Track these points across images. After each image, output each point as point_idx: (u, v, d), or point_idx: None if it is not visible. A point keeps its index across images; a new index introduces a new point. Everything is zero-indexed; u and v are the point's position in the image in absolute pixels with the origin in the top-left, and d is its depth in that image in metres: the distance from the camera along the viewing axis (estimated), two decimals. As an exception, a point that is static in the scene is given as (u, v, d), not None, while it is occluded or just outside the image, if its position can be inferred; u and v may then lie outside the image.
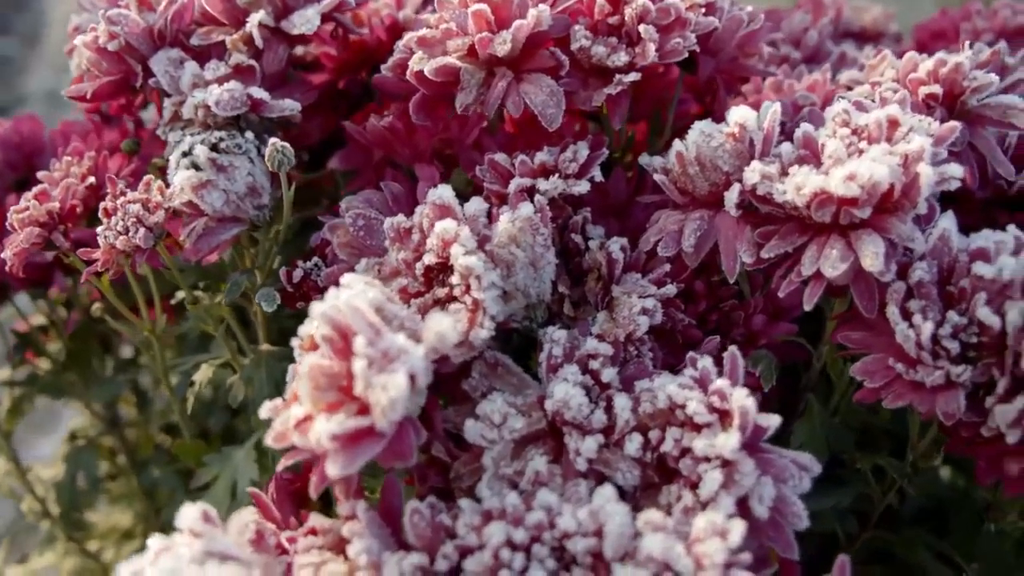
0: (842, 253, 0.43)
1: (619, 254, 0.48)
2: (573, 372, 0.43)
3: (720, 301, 0.50)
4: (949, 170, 0.45)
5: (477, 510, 0.39)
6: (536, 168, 0.48)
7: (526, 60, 0.48)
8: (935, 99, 0.52)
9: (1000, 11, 0.74)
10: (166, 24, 0.49)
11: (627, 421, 0.42)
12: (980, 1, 0.77)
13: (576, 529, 0.38)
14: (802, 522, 0.41)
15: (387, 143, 0.52)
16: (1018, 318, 0.42)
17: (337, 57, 0.58)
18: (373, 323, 0.38)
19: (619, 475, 0.42)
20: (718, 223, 0.47)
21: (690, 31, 0.49)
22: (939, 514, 0.58)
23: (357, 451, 0.37)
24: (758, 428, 0.41)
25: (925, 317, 0.43)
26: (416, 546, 0.39)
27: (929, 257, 0.44)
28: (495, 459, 0.42)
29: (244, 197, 0.48)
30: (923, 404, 0.43)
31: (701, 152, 0.46)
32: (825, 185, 0.42)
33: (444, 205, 0.45)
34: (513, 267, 0.45)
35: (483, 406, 0.43)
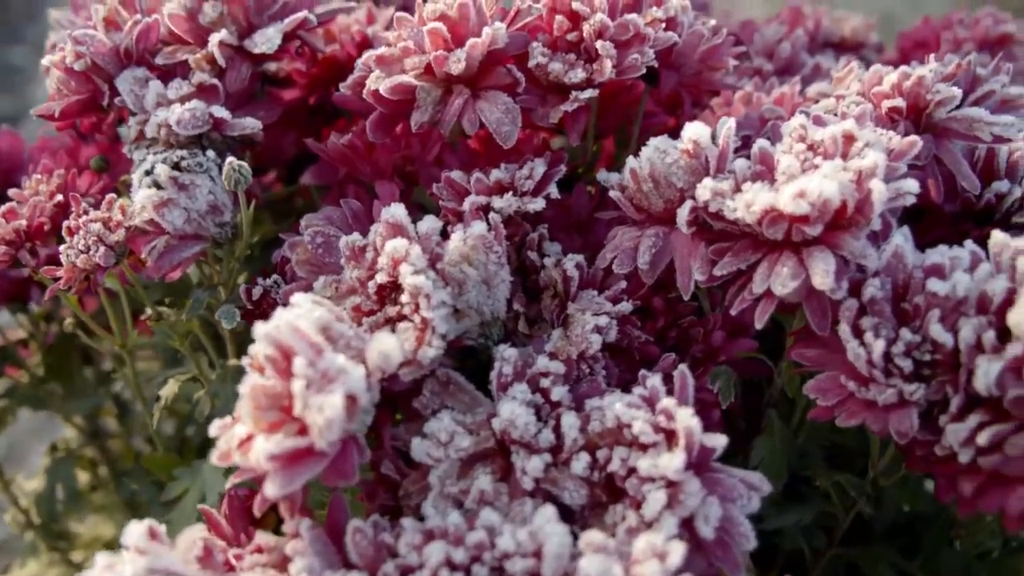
0: (793, 271, 0.42)
1: (574, 271, 0.47)
2: (522, 390, 0.43)
3: (679, 318, 0.50)
4: (904, 185, 0.44)
5: (419, 529, 0.39)
6: (492, 186, 0.48)
7: (483, 78, 0.48)
8: (899, 112, 0.52)
9: (982, 21, 0.73)
10: (132, 44, 0.49)
11: (575, 440, 0.42)
12: (965, 9, 0.76)
13: (515, 549, 0.38)
14: (749, 543, 0.40)
15: (348, 160, 0.52)
16: (971, 335, 0.41)
17: (308, 73, 0.58)
18: (314, 343, 0.38)
19: (566, 494, 0.42)
20: (673, 240, 0.47)
21: (649, 46, 0.49)
22: (911, 531, 0.57)
23: (297, 470, 0.37)
24: (705, 448, 0.41)
25: (877, 335, 0.42)
26: (358, 565, 0.39)
27: (883, 274, 0.43)
28: (441, 478, 0.42)
29: (205, 215, 0.48)
30: (876, 423, 0.42)
31: (655, 168, 0.46)
32: (775, 202, 0.42)
33: (396, 223, 0.45)
34: (465, 285, 0.45)
35: (430, 424, 0.42)
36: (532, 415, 0.42)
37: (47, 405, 0.65)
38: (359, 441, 0.40)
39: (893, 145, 0.47)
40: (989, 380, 0.39)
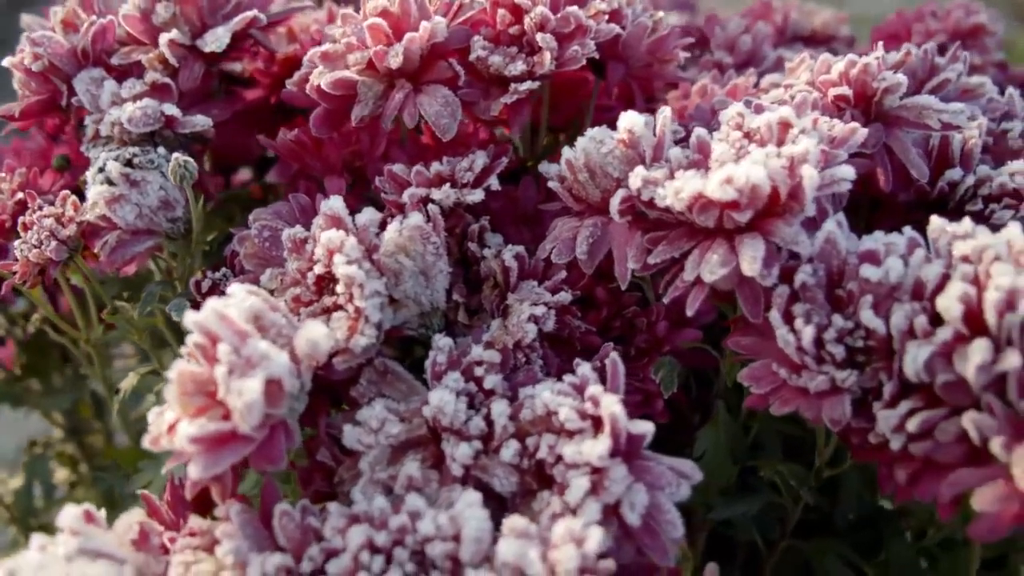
0: (723, 258, 0.42)
1: (513, 262, 0.48)
2: (455, 379, 0.43)
3: (623, 308, 0.50)
4: (839, 172, 0.44)
5: (344, 513, 0.39)
6: (432, 178, 0.48)
7: (425, 72, 0.49)
8: (846, 101, 0.51)
9: (953, 12, 0.72)
10: (89, 44, 0.50)
11: (504, 427, 0.42)
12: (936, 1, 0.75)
13: (435, 533, 0.38)
14: (677, 530, 0.40)
15: (299, 156, 0.53)
16: (903, 321, 0.40)
17: (268, 72, 0.59)
18: (240, 330, 0.39)
19: (496, 481, 0.42)
20: (611, 230, 0.47)
21: (590, 38, 0.49)
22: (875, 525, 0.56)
23: (221, 454, 0.38)
24: (634, 436, 0.41)
25: (807, 321, 0.41)
26: (285, 547, 0.39)
27: (817, 260, 0.43)
28: (371, 464, 0.42)
29: (157, 210, 0.49)
30: (809, 410, 0.42)
31: (590, 159, 0.46)
32: (702, 189, 0.42)
33: (334, 216, 0.46)
34: (401, 275, 0.45)
35: (362, 412, 0.43)
36: (463, 403, 0.43)
37: (25, 402, 0.66)
38: (288, 427, 0.40)
39: (835, 133, 0.47)
40: (918, 365, 0.39)
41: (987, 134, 0.56)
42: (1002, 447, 0.37)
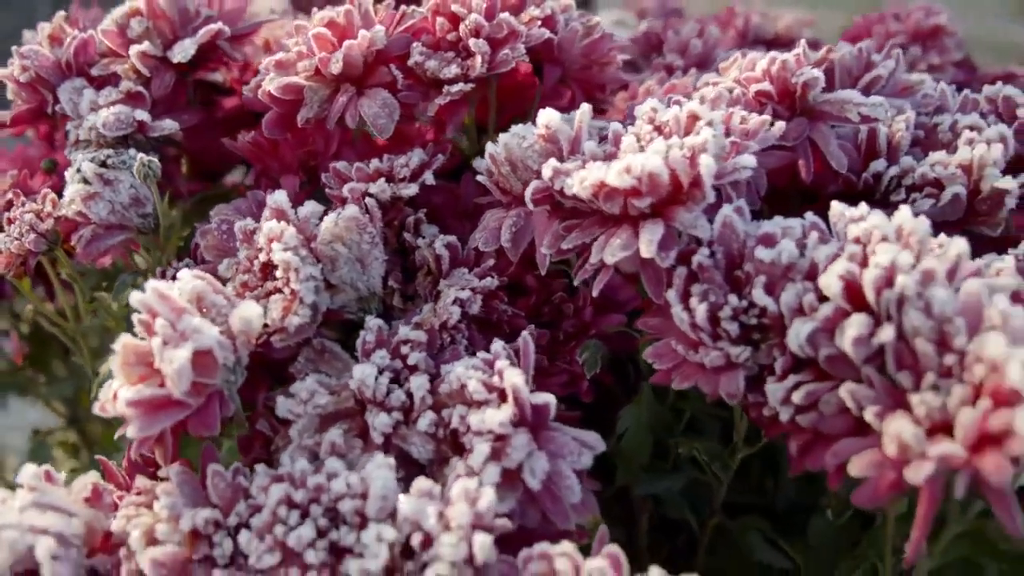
0: (625, 242, 0.45)
1: (443, 250, 0.51)
2: (382, 356, 0.47)
3: (552, 295, 0.53)
4: (740, 161, 0.46)
5: (269, 474, 0.43)
6: (371, 173, 0.52)
7: (369, 77, 0.53)
8: (768, 96, 0.54)
9: (914, 14, 0.74)
10: (71, 57, 0.56)
11: (423, 399, 0.45)
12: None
13: (346, 491, 0.41)
14: (575, 495, 0.43)
15: (258, 156, 0.58)
16: (793, 299, 0.43)
17: (241, 81, 0.64)
18: (177, 307, 0.43)
19: (414, 449, 0.45)
20: (534, 219, 0.50)
21: (521, 43, 0.53)
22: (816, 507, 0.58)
23: (157, 417, 0.42)
24: (538, 407, 0.44)
25: (702, 300, 0.44)
26: (217, 504, 0.43)
27: (717, 244, 0.46)
28: (300, 431, 0.46)
29: (128, 207, 0.54)
30: (707, 385, 0.44)
31: (512, 153, 0.49)
32: (604, 177, 0.45)
33: (278, 208, 0.50)
34: (337, 262, 0.49)
35: (296, 385, 0.47)
36: (387, 377, 0.46)
37: (29, 392, 0.72)
38: (224, 397, 0.45)
39: (747, 126, 0.50)
40: (800, 339, 0.41)
41: (919, 128, 0.58)
42: (875, 416, 0.39)
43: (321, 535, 0.41)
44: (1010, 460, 0.36)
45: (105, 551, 0.44)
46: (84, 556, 0.43)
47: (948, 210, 0.54)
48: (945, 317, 0.39)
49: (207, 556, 0.42)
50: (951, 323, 0.39)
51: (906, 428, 0.37)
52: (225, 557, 0.42)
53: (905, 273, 0.40)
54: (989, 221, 0.54)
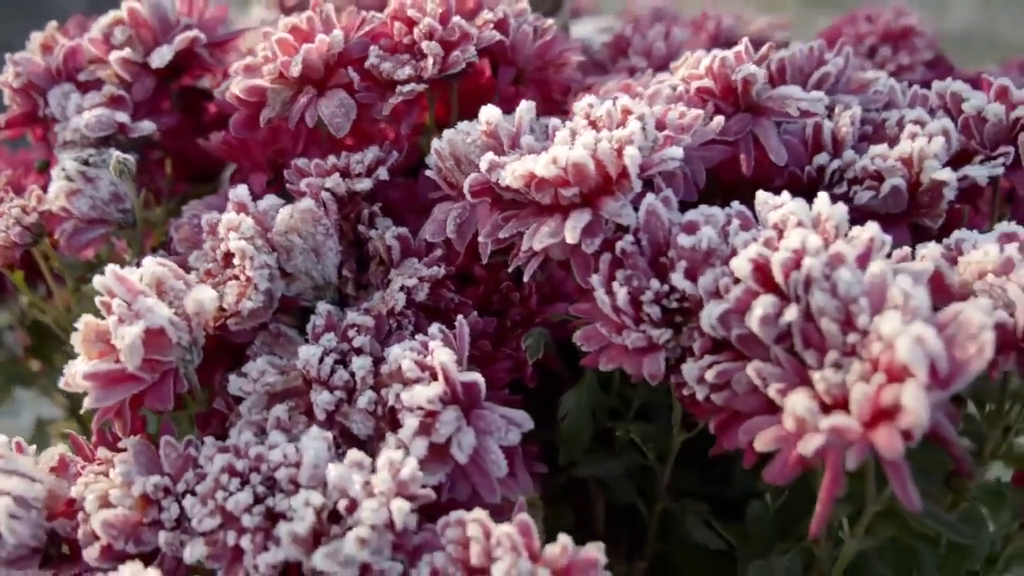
0: (553, 229, 0.47)
1: (394, 241, 0.54)
2: (330, 338, 0.50)
3: (500, 284, 0.55)
4: (667, 153, 0.49)
5: (215, 445, 0.46)
6: (328, 169, 0.55)
7: (329, 79, 0.57)
8: (709, 93, 0.56)
9: (884, 15, 0.75)
10: (61, 63, 0.61)
11: (364, 379, 0.48)
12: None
13: (283, 460, 0.44)
14: (501, 470, 0.45)
15: (230, 155, 0.61)
16: (710, 283, 0.45)
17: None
18: (133, 289, 0.47)
19: (355, 426, 0.48)
20: (477, 211, 0.52)
21: (472, 45, 0.56)
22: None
23: (112, 389, 0.46)
24: (470, 385, 0.46)
25: (623, 284, 0.46)
26: (168, 472, 0.46)
27: (643, 231, 0.48)
28: (248, 407, 0.49)
29: (109, 203, 0.59)
30: (632, 366, 0.46)
31: (456, 148, 0.52)
32: (533, 168, 0.47)
33: (240, 202, 0.54)
34: (292, 252, 0.53)
35: (247, 365, 0.50)
36: (333, 358, 0.49)
37: (30, 383, 0.77)
38: (179, 374, 0.48)
39: (684, 120, 0.52)
40: (712, 320, 0.43)
41: (868, 124, 0.59)
42: (778, 392, 0.41)
43: (258, 501, 0.44)
44: (901, 433, 0.37)
45: (67, 516, 0.47)
46: (44, 519, 0.46)
47: (890, 202, 0.55)
48: (850, 297, 0.41)
49: (156, 520, 0.45)
50: (856, 303, 0.41)
51: (800, 402, 0.39)
52: (172, 521, 0.45)
53: (812, 255, 0.42)
54: (931, 213, 0.55)
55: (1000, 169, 0.56)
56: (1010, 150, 0.56)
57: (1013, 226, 0.51)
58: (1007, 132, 0.57)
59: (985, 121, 0.57)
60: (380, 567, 0.41)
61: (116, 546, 0.44)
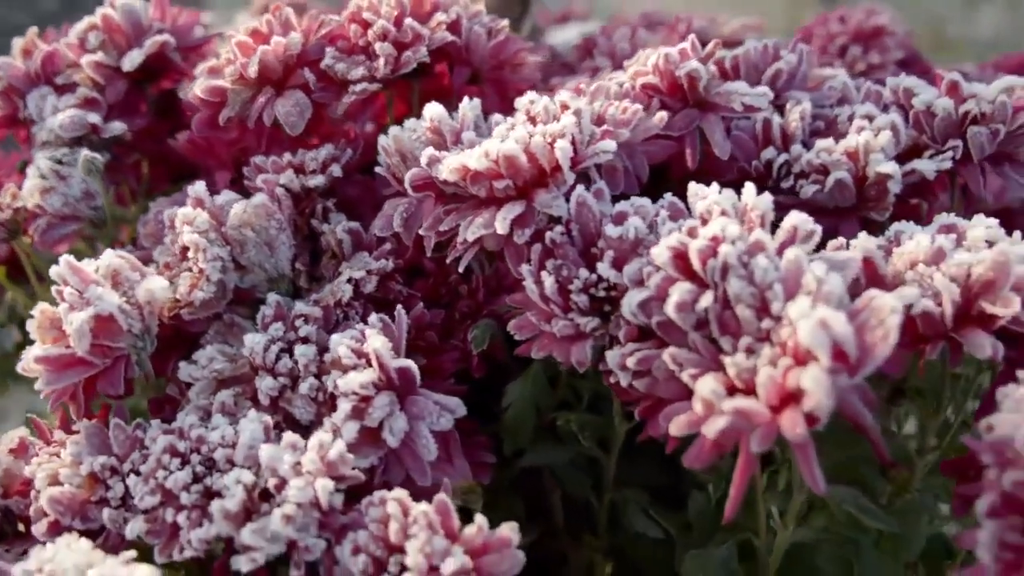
0: (486, 220, 0.49)
1: (344, 235, 0.56)
2: (277, 327, 0.52)
3: (448, 277, 0.57)
4: (600, 146, 0.50)
5: (161, 427, 0.49)
6: (284, 165, 0.58)
7: (287, 79, 0.59)
8: (655, 89, 0.57)
9: (855, 15, 0.76)
10: (39, 68, 0.64)
11: (307, 366, 0.50)
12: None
13: (221, 441, 0.47)
14: (431, 454, 0.47)
15: (196, 154, 0.64)
16: (635, 272, 0.46)
17: (200, 91, 0.71)
18: (86, 278, 0.50)
19: (297, 411, 0.50)
20: (423, 206, 0.54)
21: (423, 46, 0.58)
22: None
23: (64, 373, 0.48)
24: (405, 372, 0.48)
25: (552, 273, 0.48)
26: (117, 453, 0.49)
27: (575, 222, 0.49)
28: (196, 393, 0.51)
29: (80, 200, 0.62)
30: (561, 354, 0.48)
31: (401, 144, 0.54)
32: (466, 161, 0.49)
33: (198, 198, 0.56)
34: (246, 245, 0.55)
35: (198, 353, 0.52)
36: (278, 346, 0.51)
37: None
38: (130, 360, 0.51)
39: (623, 116, 0.53)
40: (632, 307, 0.45)
41: (822, 119, 0.60)
42: (691, 377, 0.42)
43: (197, 480, 0.46)
44: (805, 417, 0.38)
45: (21, 495, 0.50)
46: (0, 497, 0.49)
47: (837, 196, 0.56)
48: (766, 284, 0.42)
49: (103, 498, 0.48)
50: (771, 289, 0.42)
51: (706, 385, 0.40)
52: (117, 499, 0.48)
53: (729, 243, 0.43)
54: (878, 207, 0.56)
55: (948, 163, 0.56)
56: (959, 144, 0.56)
57: (952, 218, 0.51)
58: (957, 126, 0.57)
59: (934, 116, 0.57)
60: (305, 543, 0.43)
61: (63, 522, 0.47)
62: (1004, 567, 0.38)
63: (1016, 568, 0.38)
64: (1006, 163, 0.58)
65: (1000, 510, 0.38)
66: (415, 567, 0.40)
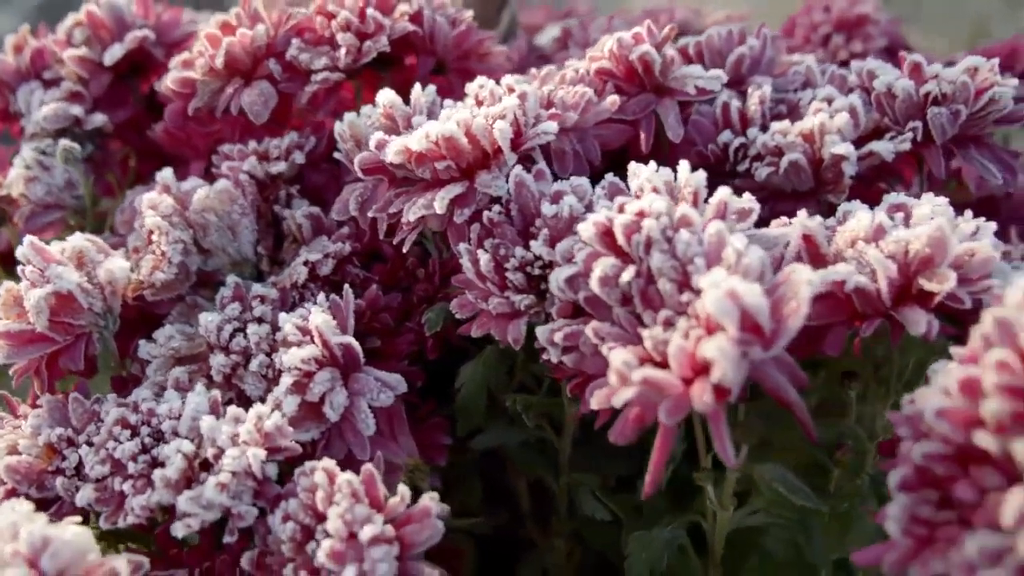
0: (427, 201, 0.51)
1: (303, 220, 0.59)
2: (234, 308, 0.55)
3: (406, 261, 0.59)
4: (541, 127, 0.51)
5: (115, 401, 0.51)
6: (248, 153, 0.60)
7: (255, 70, 0.62)
8: (609, 74, 0.58)
9: (838, 4, 0.76)
10: (28, 64, 0.68)
11: (258, 344, 0.52)
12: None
13: (168, 414, 0.49)
14: (369, 428, 0.49)
15: (173, 144, 0.67)
16: (567, 249, 0.47)
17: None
18: (48, 258, 0.53)
19: (248, 388, 0.52)
20: (378, 189, 0.56)
21: (385, 36, 0.60)
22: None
23: (25, 348, 0.52)
24: (348, 348, 0.50)
25: (489, 252, 0.49)
26: (75, 425, 0.52)
27: (515, 202, 0.51)
28: (154, 369, 0.54)
29: (63, 189, 0.65)
30: (499, 331, 0.49)
31: (356, 130, 0.56)
32: (408, 143, 0.51)
33: (165, 184, 0.59)
34: (208, 229, 0.58)
35: (157, 332, 0.55)
36: (233, 326, 0.54)
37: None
38: (92, 338, 0.53)
39: (572, 100, 0.55)
40: (559, 283, 0.46)
41: (785, 104, 0.61)
42: (609, 351, 0.43)
43: (145, 451, 0.48)
44: (712, 387, 0.39)
45: (-11, 466, 0.53)
46: (-35, 466, 0.52)
47: (794, 179, 0.57)
48: (688, 258, 0.43)
49: (59, 468, 0.50)
50: (692, 263, 0.43)
51: (618, 356, 0.41)
52: (72, 469, 0.50)
53: (654, 218, 0.44)
54: (836, 189, 0.56)
55: (907, 144, 0.56)
56: (918, 125, 0.56)
57: (902, 197, 0.51)
58: (918, 108, 0.57)
59: (895, 97, 0.57)
60: (239, 511, 0.45)
61: (20, 490, 0.49)
62: (916, 542, 0.38)
63: (928, 542, 0.37)
64: (972, 146, 0.58)
65: (912, 483, 0.38)
66: (334, 532, 0.42)
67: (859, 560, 0.39)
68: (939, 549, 0.37)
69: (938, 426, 0.37)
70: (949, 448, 0.38)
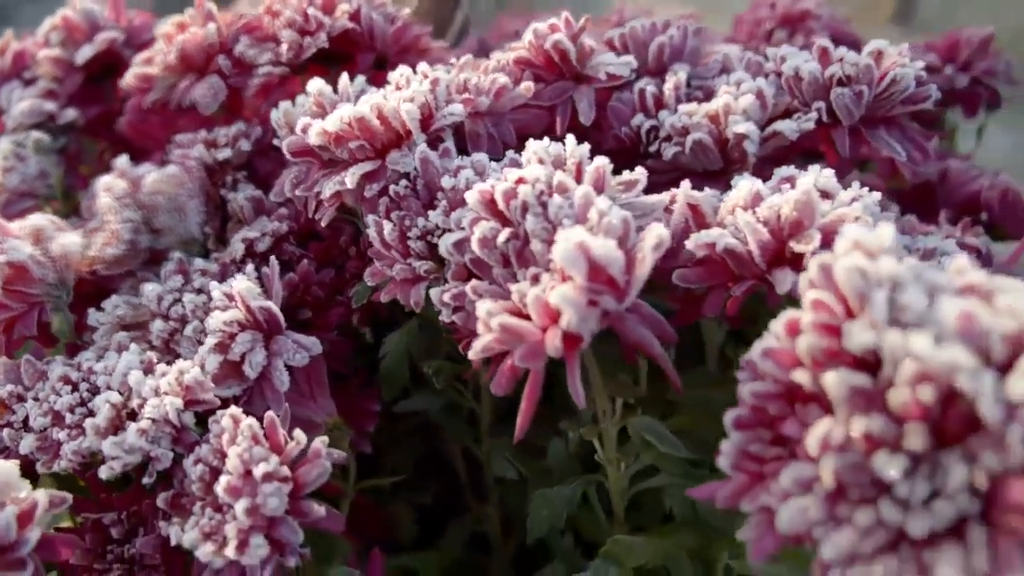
0: (340, 178, 0.57)
1: (245, 203, 0.66)
2: (176, 280, 0.62)
3: (340, 239, 0.66)
4: (447, 109, 0.58)
5: (62, 361, 0.59)
6: (197, 140, 0.68)
7: (207, 66, 0.70)
8: (527, 63, 0.64)
9: (782, 1, 0.81)
10: (9, 64, 0.77)
11: (193, 311, 0.59)
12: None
13: (103, 370, 0.56)
14: (284, 385, 0.55)
15: (137, 136, 0.75)
16: (459, 217, 0.53)
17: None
18: (7, 232, 0.61)
19: (183, 350, 0.59)
20: (311, 171, 0.63)
21: (324, 33, 0.68)
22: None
23: (-19, 314, 0.59)
24: (269, 312, 0.57)
25: (396, 222, 0.55)
26: (26, 384, 0.59)
27: (421, 177, 0.57)
28: (100, 335, 0.61)
29: (36, 179, 0.74)
30: (403, 297, 0.55)
31: (290, 118, 0.63)
32: (325, 125, 0.58)
33: (121, 169, 0.67)
34: (157, 210, 0.65)
35: (105, 301, 0.62)
36: (173, 295, 0.61)
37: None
38: (45, 307, 0.61)
39: (485, 86, 0.61)
40: (448, 247, 0.52)
41: (702, 90, 0.66)
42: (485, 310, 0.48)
43: (83, 404, 0.55)
44: (563, 334, 0.44)
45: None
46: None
47: (701, 158, 0.62)
48: (558, 220, 0.48)
49: (9, 422, 0.58)
50: (562, 225, 0.48)
51: (483, 307, 0.46)
52: (19, 422, 0.57)
53: (530, 184, 0.49)
54: (742, 168, 0.61)
55: (811, 124, 0.61)
56: (821, 105, 0.61)
57: (792, 170, 0.56)
58: (824, 89, 0.62)
59: (802, 80, 0.62)
60: (156, 454, 0.52)
61: (-27, 441, 0.57)
62: (748, 477, 0.42)
63: (759, 478, 0.42)
64: (881, 126, 0.62)
65: (746, 422, 0.43)
66: (232, 469, 0.48)
67: (695, 495, 0.43)
68: (767, 484, 0.42)
69: (765, 366, 0.42)
70: (778, 387, 0.42)
